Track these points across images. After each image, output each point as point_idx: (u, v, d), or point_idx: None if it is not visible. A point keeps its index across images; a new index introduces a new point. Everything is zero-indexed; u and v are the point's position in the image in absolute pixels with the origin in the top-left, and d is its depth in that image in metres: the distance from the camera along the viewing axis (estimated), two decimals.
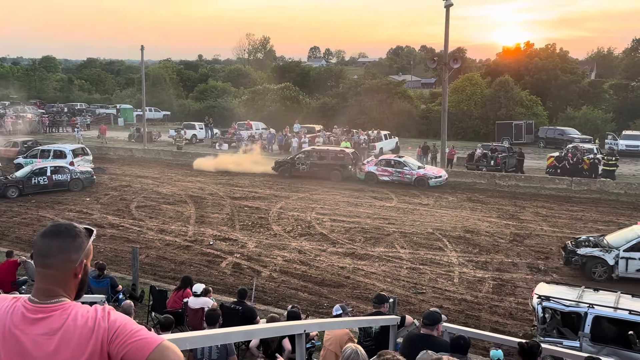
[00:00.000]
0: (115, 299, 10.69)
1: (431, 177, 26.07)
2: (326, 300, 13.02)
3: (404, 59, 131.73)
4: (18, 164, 28.06)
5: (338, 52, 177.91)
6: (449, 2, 28.09)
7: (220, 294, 12.95)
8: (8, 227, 19.34)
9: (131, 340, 1.84)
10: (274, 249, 16.70)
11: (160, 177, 28.13)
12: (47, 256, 1.93)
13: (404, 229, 18.80)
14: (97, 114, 58.66)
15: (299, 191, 24.86)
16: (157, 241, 17.57)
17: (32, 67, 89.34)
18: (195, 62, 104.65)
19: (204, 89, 67.50)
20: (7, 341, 1.85)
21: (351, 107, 51.00)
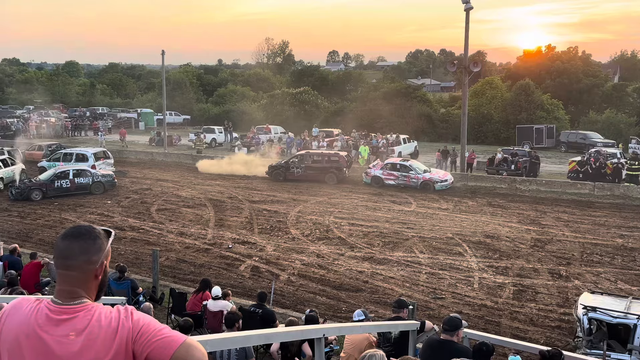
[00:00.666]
0: (136, 301, 10.79)
1: (437, 181, 26.10)
2: (344, 304, 12.99)
3: (423, 63, 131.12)
4: (42, 167, 28.54)
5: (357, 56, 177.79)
6: (469, 6, 27.92)
7: (239, 297, 13.01)
8: (32, 229, 19.67)
9: (155, 338, 1.86)
10: (292, 253, 16.72)
11: (180, 181, 28.37)
12: (68, 258, 1.96)
13: (423, 233, 18.68)
14: (119, 118, 59.36)
15: (317, 195, 24.86)
16: (176, 244, 17.72)
17: (55, 72, 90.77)
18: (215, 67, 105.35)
19: (223, 93, 67.95)
20: (31, 341, 1.88)
21: (370, 111, 50.89)
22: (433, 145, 42.05)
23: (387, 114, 49.39)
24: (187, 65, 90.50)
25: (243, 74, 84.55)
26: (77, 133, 49.95)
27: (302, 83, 61.35)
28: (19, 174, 27.59)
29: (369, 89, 56.19)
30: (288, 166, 28.72)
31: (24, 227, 19.92)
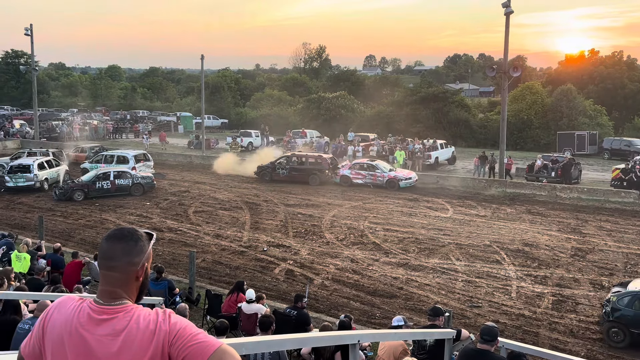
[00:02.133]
0: (173, 301, 10.96)
1: (401, 178, 27.39)
2: (378, 310, 12.91)
3: (461, 67, 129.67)
4: (84, 169, 29.35)
5: (394, 60, 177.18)
6: (509, 10, 27.45)
7: (274, 300, 13.08)
8: (74, 228, 20.23)
9: (191, 343, 1.87)
10: (326, 257, 16.71)
11: (217, 184, 28.74)
12: (112, 259, 2.00)
13: (459, 240, 18.41)
14: (158, 122, 60.63)
15: (352, 200, 24.81)
16: (213, 246, 17.94)
17: (98, 75, 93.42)
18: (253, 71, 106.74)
19: (260, 98, 68.66)
20: (73, 339, 1.92)
21: (406, 115, 50.55)
22: (471, 150, 41.46)
23: (424, 119, 48.99)
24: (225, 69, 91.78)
25: (280, 79, 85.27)
26: (118, 135, 51.18)
27: (339, 87, 61.44)
28: (63, 175, 28.47)
29: (406, 94, 55.77)
30: (274, 167, 29.52)
31: (66, 226, 20.52)
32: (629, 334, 11.03)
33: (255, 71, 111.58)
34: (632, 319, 11.00)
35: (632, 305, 11.16)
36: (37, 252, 13.52)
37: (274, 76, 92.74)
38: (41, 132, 46.73)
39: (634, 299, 11.20)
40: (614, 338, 11.23)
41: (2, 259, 12.81)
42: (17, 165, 27.20)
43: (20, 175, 26.40)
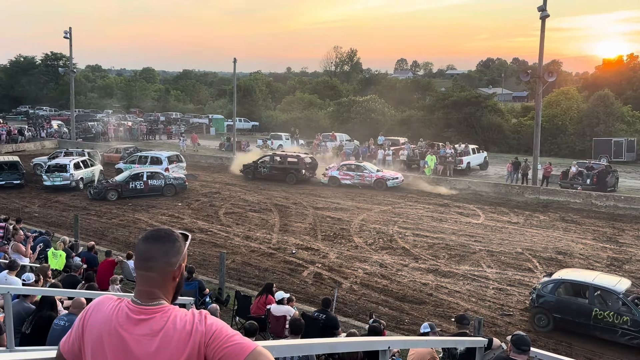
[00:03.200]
0: (203, 301, 11.07)
1: (389, 178, 28.27)
2: (407, 316, 12.80)
3: (494, 72, 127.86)
4: (118, 169, 29.95)
5: (425, 64, 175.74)
6: (545, 13, 26.98)
7: (302, 302, 13.09)
8: (107, 227, 20.64)
9: (227, 344, 1.89)
10: (355, 261, 16.67)
11: (247, 185, 28.96)
12: (150, 260, 2.03)
13: (491, 247, 18.13)
14: (191, 123, 61.45)
15: (381, 204, 24.70)
16: (242, 247, 18.08)
17: (133, 78, 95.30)
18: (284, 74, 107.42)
19: (291, 101, 69.00)
20: (112, 339, 1.96)
21: (438, 119, 50.10)
22: (503, 156, 40.87)
23: (456, 123, 48.47)
24: (257, 72, 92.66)
25: (311, 82, 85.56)
26: (151, 137, 52.05)
27: (369, 91, 61.37)
28: (98, 175, 29.12)
29: (438, 98, 55.27)
30: (257, 166, 30.65)
31: (100, 225, 20.95)
32: (552, 318, 11.90)
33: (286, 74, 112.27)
34: (554, 304, 11.89)
35: (555, 292, 12.00)
36: (72, 250, 13.85)
37: (304, 79, 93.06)
38: (77, 133, 47.85)
39: (556, 286, 12.07)
40: (539, 323, 12.04)
41: (39, 255, 13.16)
42: (55, 165, 27.92)
43: (57, 175, 27.08)
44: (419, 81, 75.41)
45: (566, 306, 11.80)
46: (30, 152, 40.39)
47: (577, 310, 11.66)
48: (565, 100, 49.47)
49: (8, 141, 44.37)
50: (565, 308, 11.81)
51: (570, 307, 11.76)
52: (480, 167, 35.25)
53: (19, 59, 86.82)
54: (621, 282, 11.97)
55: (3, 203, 24.17)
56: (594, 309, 11.37)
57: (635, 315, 10.96)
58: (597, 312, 11.31)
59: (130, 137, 49.13)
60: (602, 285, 11.66)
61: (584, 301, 11.66)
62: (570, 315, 11.73)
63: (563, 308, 11.84)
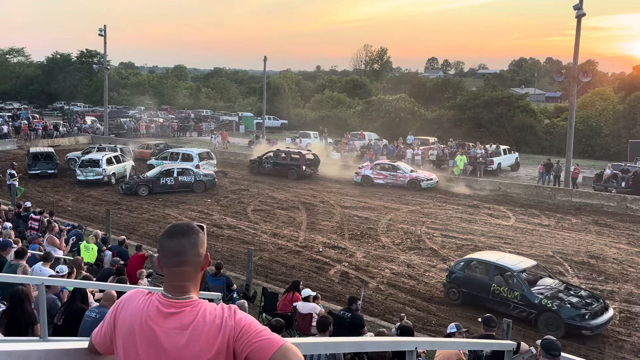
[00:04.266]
0: (230, 297, 11.16)
1: (423, 179, 27.96)
2: (434, 317, 12.69)
3: (527, 71, 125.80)
4: (150, 165, 30.43)
5: (456, 63, 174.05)
6: (581, 12, 26.38)
7: (328, 301, 13.10)
8: (138, 222, 21.00)
9: (256, 339, 1.90)
10: (382, 261, 16.60)
11: (275, 183, 29.09)
12: (181, 254, 2.04)
13: (521, 249, 17.83)
14: (221, 121, 62.03)
15: (410, 204, 24.53)
16: (270, 244, 18.18)
17: (165, 75, 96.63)
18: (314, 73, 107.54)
19: (320, 99, 69.03)
20: (143, 332, 1.99)
21: (468, 119, 49.51)
22: (535, 157, 40.18)
23: (487, 123, 47.83)
24: (286, 71, 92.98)
25: (340, 80, 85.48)
26: (182, 134, 52.72)
27: (399, 90, 60.92)
28: (129, 171, 29.65)
29: (469, 97, 54.60)
30: (261, 161, 31.35)
31: (130, 220, 21.33)
32: (461, 292, 13.43)
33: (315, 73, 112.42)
34: (462, 280, 13.43)
35: (464, 270, 13.53)
36: (103, 244, 14.13)
37: (334, 78, 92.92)
38: (110, 129, 48.78)
39: (465, 264, 13.66)
40: (451, 297, 13.60)
41: (72, 248, 13.46)
42: (88, 160, 28.55)
43: (90, 169, 27.67)
44: (450, 80, 74.43)
45: (471, 281, 13.29)
46: (64, 147, 41.35)
47: (479, 285, 13.10)
48: (600, 101, 48.36)
49: (44, 136, 45.55)
50: (470, 283, 13.29)
51: (475, 283, 13.23)
52: (511, 168, 34.72)
53: (56, 56, 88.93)
54: (523, 262, 13.40)
55: (38, 196, 24.80)
56: (492, 285, 12.78)
57: (524, 291, 12.26)
58: (495, 287, 12.72)
59: (161, 134, 49.82)
60: (501, 263, 13.02)
61: (486, 277, 13.08)
62: (474, 290, 13.18)
63: (469, 283, 13.31)
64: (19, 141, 41.99)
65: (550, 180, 29.45)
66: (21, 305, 6.57)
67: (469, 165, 32.03)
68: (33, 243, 11.86)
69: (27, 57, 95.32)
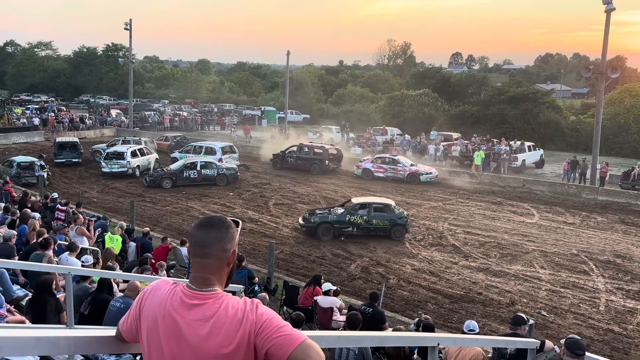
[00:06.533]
0: (251, 290, 11.24)
1: (422, 173, 28.30)
2: (455, 314, 12.61)
3: (553, 67, 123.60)
4: (174, 158, 30.72)
5: (481, 58, 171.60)
6: (610, 6, 25.83)
7: (349, 295, 13.12)
8: (161, 214, 21.24)
9: (276, 335, 1.89)
10: (403, 257, 16.53)
11: (297, 178, 29.14)
12: (206, 246, 2.06)
13: (544, 247, 17.60)
14: (244, 115, 62.29)
15: (432, 200, 24.37)
16: (291, 238, 18.24)
17: (189, 69, 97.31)
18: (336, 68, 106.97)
19: (342, 94, 68.81)
20: (166, 322, 2.01)
21: (493, 115, 48.89)
22: (560, 154, 39.55)
23: (512, 120, 47.19)
24: (309, 65, 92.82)
25: (363, 75, 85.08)
26: (205, 127, 53.10)
27: (423, 85, 60.30)
28: (153, 163, 29.98)
29: (493, 93, 53.88)
30: (284, 155, 31.41)
31: (154, 212, 21.58)
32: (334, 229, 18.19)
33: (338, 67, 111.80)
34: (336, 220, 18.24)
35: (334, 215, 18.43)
36: (128, 235, 14.33)
37: (357, 73, 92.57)
38: (135, 122, 49.37)
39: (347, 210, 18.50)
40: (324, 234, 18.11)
41: (97, 239, 13.68)
42: (113, 152, 28.95)
43: (115, 162, 28.06)
44: (474, 76, 73.39)
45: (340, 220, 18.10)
46: (90, 139, 41.96)
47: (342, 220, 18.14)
48: (629, 97, 47.32)
49: (70, 128, 46.33)
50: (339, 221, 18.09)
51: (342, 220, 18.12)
52: (536, 165, 34.23)
53: (82, 50, 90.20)
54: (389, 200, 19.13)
55: (64, 188, 25.25)
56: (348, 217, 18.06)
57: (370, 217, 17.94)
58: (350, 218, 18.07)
59: (185, 127, 50.21)
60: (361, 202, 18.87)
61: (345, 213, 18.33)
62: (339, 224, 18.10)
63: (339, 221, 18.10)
64: (46, 133, 42.75)
65: (575, 178, 28.97)
66: (47, 294, 6.71)
67: (492, 161, 31.65)
68: (59, 233, 12.09)
69: (54, 50, 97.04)
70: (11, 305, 7.19)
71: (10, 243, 9.00)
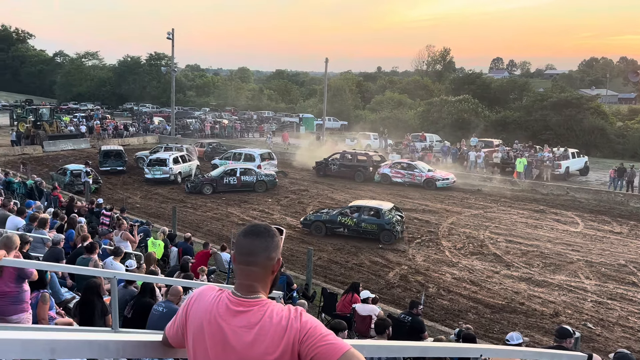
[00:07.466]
0: (290, 296, 11.28)
1: (439, 179, 28.20)
2: (497, 325, 12.35)
3: (598, 72, 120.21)
4: (214, 165, 31.22)
5: (523, 63, 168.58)
6: None
7: (387, 304, 13.02)
8: (202, 220, 21.58)
9: (321, 343, 1.90)
10: (442, 265, 16.31)
11: (334, 184, 29.15)
12: (251, 254, 2.08)
13: (590, 257, 17.08)
14: (282, 122, 62.82)
15: (472, 207, 23.98)
16: (329, 245, 18.24)
17: (229, 77, 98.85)
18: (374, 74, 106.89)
19: (380, 100, 68.59)
20: (212, 328, 2.04)
21: (535, 121, 47.88)
22: (606, 161, 38.35)
23: (555, 126, 46.11)
24: (347, 72, 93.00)
25: (401, 81, 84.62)
26: (245, 135, 53.75)
27: (463, 91, 59.56)
28: (194, 170, 30.53)
29: (535, 99, 52.76)
30: (327, 163, 31.23)
31: (195, 217, 21.94)
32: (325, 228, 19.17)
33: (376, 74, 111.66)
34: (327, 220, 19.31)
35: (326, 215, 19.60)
36: (170, 240, 14.60)
37: (395, 79, 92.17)
38: (177, 129, 50.38)
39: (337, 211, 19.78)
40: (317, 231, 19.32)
41: (140, 244, 14.00)
42: (155, 159, 29.61)
43: (158, 168, 28.69)
44: (516, 81, 72.04)
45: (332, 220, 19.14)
46: (133, 146, 43.06)
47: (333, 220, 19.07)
48: None
49: (115, 135, 47.65)
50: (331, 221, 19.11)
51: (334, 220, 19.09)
52: (580, 172, 33.29)
53: (127, 59, 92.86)
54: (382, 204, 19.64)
55: (109, 193, 25.95)
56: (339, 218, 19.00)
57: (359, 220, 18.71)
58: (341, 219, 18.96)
59: (225, 135, 50.91)
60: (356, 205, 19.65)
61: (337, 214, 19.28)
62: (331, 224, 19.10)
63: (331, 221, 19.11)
64: (92, 140, 44.08)
65: (622, 186, 28.03)
66: (94, 297, 6.90)
67: (535, 168, 30.94)
68: (104, 238, 12.43)
69: (100, 60, 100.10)
70: (60, 308, 7.43)
71: (59, 247, 9.29)
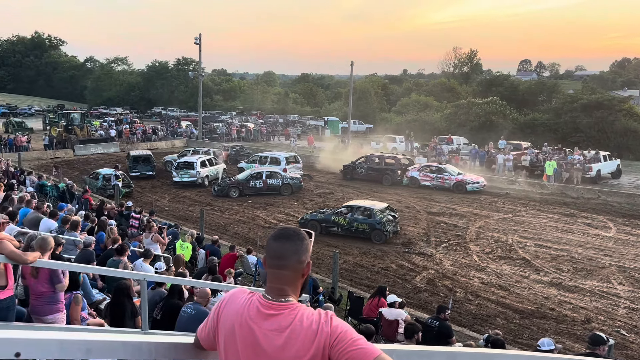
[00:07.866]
0: (316, 299, 11.29)
1: (469, 182, 27.82)
2: (526, 330, 12.15)
3: (631, 72, 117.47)
4: (240, 168, 31.46)
5: (551, 64, 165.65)
6: None
7: (414, 308, 12.93)
8: (229, 223, 21.75)
9: (351, 348, 1.89)
10: (470, 270, 16.12)
11: (360, 187, 29.09)
12: (282, 258, 2.10)
13: (623, 262, 16.68)
14: (307, 126, 62.93)
15: (501, 211, 23.66)
16: (354, 248, 18.20)
17: (255, 81, 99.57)
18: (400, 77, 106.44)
19: (406, 103, 68.20)
20: (243, 331, 2.05)
21: (565, 124, 47.03)
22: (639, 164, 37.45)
23: (585, 128, 45.22)
24: (372, 75, 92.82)
25: (427, 84, 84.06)
26: (271, 138, 54.02)
27: (490, 93, 58.84)
28: (221, 173, 30.82)
29: (565, 100, 51.83)
30: (355, 166, 31.08)
31: (222, 220, 22.13)
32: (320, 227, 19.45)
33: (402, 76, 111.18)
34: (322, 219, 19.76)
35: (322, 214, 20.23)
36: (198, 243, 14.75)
37: (421, 81, 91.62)
38: (204, 133, 50.91)
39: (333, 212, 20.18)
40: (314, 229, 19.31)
41: (168, 246, 14.18)
42: (183, 163, 29.99)
43: (185, 172, 29.05)
44: (545, 83, 70.85)
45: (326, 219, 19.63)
46: (161, 150, 43.67)
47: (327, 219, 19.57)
48: None
49: (143, 139, 48.36)
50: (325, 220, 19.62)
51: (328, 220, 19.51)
52: (612, 175, 32.53)
53: (155, 64, 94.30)
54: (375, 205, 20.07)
55: (138, 196, 26.36)
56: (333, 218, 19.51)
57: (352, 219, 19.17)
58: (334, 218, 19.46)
59: (251, 138, 51.24)
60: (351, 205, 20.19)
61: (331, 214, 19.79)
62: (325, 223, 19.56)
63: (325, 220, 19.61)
64: (121, 144, 44.86)
65: None
66: (124, 298, 7.02)
67: (565, 171, 30.37)
68: (134, 240, 12.62)
69: (129, 65, 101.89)
70: (91, 309, 7.57)
71: (90, 249, 9.47)
